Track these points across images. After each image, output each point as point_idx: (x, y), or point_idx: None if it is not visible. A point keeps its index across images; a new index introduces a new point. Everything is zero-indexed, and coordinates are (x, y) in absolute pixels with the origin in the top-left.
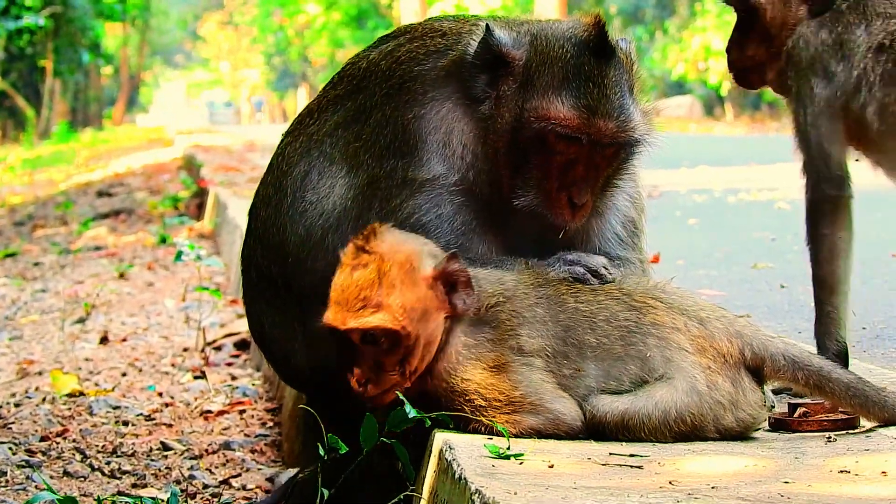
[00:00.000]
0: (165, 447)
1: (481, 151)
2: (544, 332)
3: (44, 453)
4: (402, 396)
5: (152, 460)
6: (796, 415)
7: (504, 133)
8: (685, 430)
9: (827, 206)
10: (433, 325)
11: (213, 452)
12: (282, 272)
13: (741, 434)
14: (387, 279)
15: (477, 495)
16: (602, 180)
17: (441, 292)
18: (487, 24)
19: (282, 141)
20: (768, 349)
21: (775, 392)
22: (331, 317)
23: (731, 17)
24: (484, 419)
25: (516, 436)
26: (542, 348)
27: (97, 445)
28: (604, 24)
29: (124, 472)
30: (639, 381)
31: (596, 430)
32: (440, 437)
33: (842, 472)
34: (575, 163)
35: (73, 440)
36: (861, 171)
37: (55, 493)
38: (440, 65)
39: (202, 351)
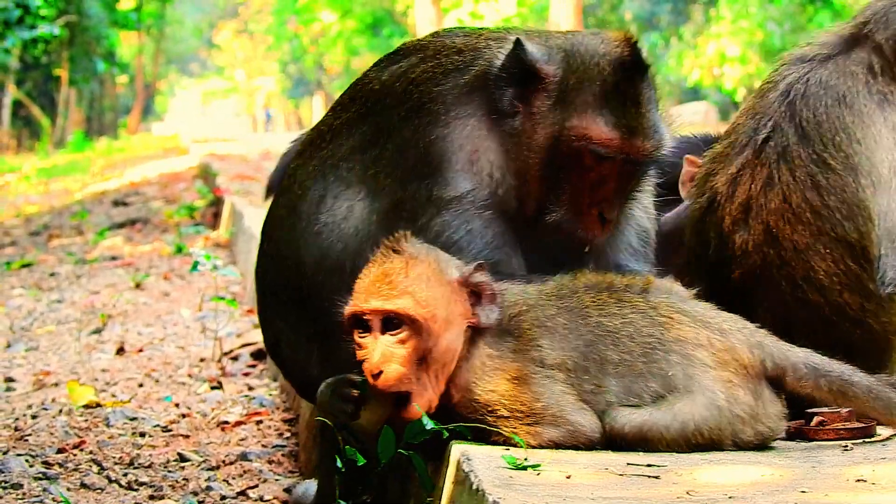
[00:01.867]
0: (182, 458)
1: (511, 167)
2: (566, 344)
3: (61, 465)
4: (418, 408)
5: (169, 472)
6: (813, 424)
7: (537, 149)
8: (702, 443)
9: None
10: (455, 331)
11: (231, 463)
12: (298, 292)
13: (759, 445)
14: (414, 271)
15: None
16: (627, 194)
17: (465, 301)
18: (518, 38)
19: (292, 162)
20: (789, 359)
21: None
22: (353, 301)
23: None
24: (503, 430)
25: (535, 447)
26: (563, 361)
27: (114, 457)
28: (636, 42)
29: (141, 484)
30: (658, 397)
31: (614, 442)
32: (457, 449)
33: (859, 480)
34: (607, 179)
35: (90, 452)
36: None
37: None
38: (462, 82)
39: (219, 361)
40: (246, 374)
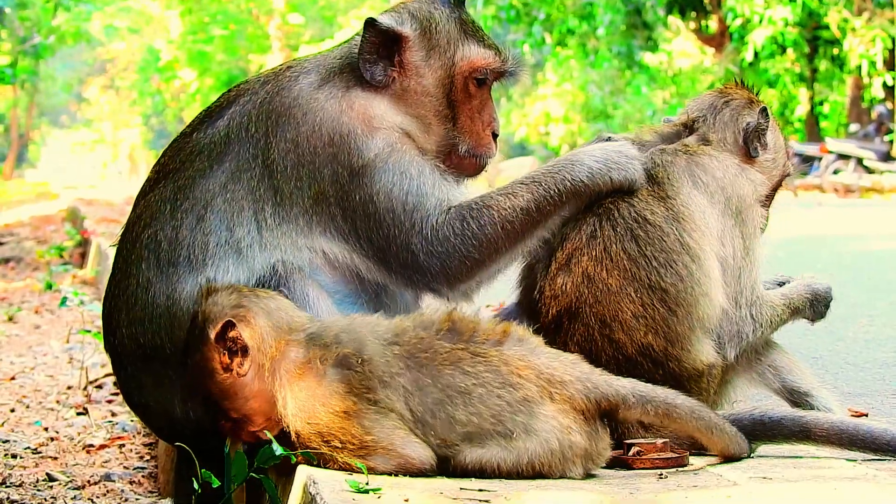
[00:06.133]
0: (51, 478)
1: (409, 116)
2: (411, 400)
3: None
4: (270, 436)
5: (38, 490)
6: (631, 453)
7: (428, 96)
8: (532, 476)
9: None
10: (222, 384)
11: (95, 483)
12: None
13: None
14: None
15: None
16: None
17: (222, 356)
18: (368, 17)
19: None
20: (620, 393)
21: None
22: None
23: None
24: (339, 459)
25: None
26: (404, 414)
27: None
28: None
29: (12, 502)
30: (499, 445)
31: (453, 474)
32: (304, 472)
33: None
34: (486, 100)
35: None
36: None
37: None
38: (320, 76)
39: (84, 389)
40: (109, 402)
